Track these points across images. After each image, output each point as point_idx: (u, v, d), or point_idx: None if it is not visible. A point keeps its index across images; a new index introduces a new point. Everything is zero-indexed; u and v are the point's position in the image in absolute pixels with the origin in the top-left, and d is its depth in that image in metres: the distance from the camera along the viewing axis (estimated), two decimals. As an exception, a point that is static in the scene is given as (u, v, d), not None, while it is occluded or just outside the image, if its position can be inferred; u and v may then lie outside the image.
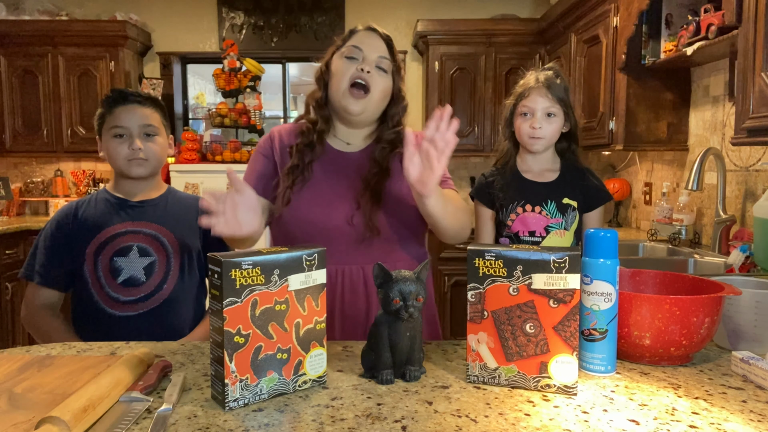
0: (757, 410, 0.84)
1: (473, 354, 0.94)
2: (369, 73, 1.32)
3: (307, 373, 0.92)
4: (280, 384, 0.89)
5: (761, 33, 1.55)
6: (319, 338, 0.93)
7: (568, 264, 0.89)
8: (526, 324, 0.91)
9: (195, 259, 1.57)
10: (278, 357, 0.89)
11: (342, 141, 1.42)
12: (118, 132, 1.50)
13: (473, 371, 0.94)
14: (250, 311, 0.86)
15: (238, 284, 0.84)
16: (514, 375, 0.92)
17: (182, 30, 4.42)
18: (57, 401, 0.82)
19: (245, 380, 0.86)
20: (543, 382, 0.91)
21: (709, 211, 2.56)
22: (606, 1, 2.89)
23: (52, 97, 4.06)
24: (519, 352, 0.92)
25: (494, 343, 0.93)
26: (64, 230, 1.51)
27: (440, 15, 4.27)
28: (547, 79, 1.59)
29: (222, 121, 3.96)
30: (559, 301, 0.89)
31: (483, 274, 0.92)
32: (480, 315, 0.93)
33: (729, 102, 2.42)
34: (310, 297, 0.91)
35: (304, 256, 0.90)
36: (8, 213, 4.17)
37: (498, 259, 0.91)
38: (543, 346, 0.91)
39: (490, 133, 4.05)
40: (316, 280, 0.92)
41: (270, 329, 0.88)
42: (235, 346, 0.85)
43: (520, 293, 0.91)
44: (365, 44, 1.35)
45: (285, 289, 0.89)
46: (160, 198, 1.58)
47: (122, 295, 1.48)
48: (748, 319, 1.08)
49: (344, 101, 1.33)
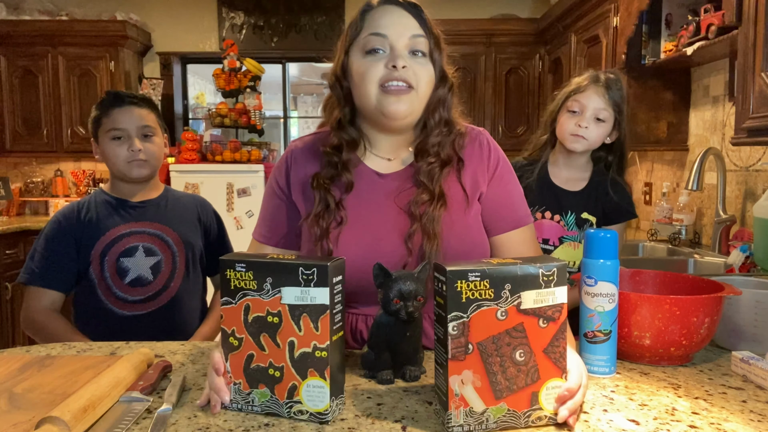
0: (757, 410, 0.84)
1: (456, 400, 0.77)
2: (405, 68, 0.99)
3: (304, 404, 0.81)
4: (272, 403, 0.83)
5: (761, 33, 1.55)
6: (318, 368, 0.81)
7: (557, 276, 0.80)
8: (516, 352, 0.79)
9: (198, 256, 1.58)
10: (270, 372, 0.83)
11: (380, 158, 1.11)
12: (116, 134, 1.50)
13: (456, 420, 0.77)
14: (243, 315, 0.84)
15: (233, 285, 0.84)
16: (503, 414, 0.79)
17: (182, 30, 4.42)
18: (57, 401, 0.82)
19: (239, 385, 0.85)
20: (534, 415, 0.80)
21: (709, 211, 2.56)
22: (606, 1, 2.89)
23: (52, 97, 4.06)
24: (509, 387, 0.79)
25: (481, 381, 0.78)
26: (66, 231, 1.51)
27: (440, 15, 4.24)
28: (607, 80, 1.51)
29: (222, 121, 3.96)
30: (548, 320, 0.80)
31: (467, 299, 0.77)
32: (464, 350, 0.78)
33: (729, 102, 2.42)
34: (307, 317, 0.81)
35: (300, 268, 0.81)
36: (8, 213, 4.17)
37: (484, 279, 0.77)
38: (533, 374, 0.80)
39: (491, 133, 4.04)
40: (315, 299, 0.81)
41: (262, 340, 0.83)
42: (231, 346, 0.85)
43: (508, 316, 0.78)
44: (389, 26, 1.01)
45: (278, 300, 0.82)
46: (160, 197, 1.58)
47: (130, 295, 1.49)
48: (748, 319, 1.08)
49: (381, 105, 1.01)
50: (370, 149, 1.11)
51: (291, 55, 4.56)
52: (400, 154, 1.11)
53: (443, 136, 1.07)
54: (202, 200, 1.69)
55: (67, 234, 1.51)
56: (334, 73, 1.08)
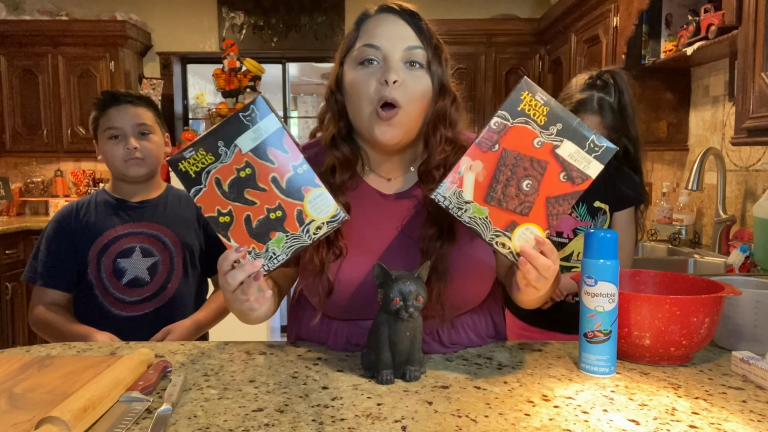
0: (757, 410, 0.84)
1: (456, 177, 0.87)
2: (396, 83, 0.95)
3: (316, 219, 0.88)
4: (292, 240, 0.88)
5: (761, 33, 1.55)
6: (308, 181, 0.88)
7: (602, 152, 0.86)
8: (525, 181, 0.87)
9: (197, 256, 1.58)
10: (272, 217, 0.88)
11: (381, 177, 1.07)
12: (112, 133, 1.50)
13: (443, 191, 0.87)
14: (217, 189, 0.87)
15: (192, 173, 0.87)
16: (480, 217, 0.87)
17: (182, 30, 4.42)
18: (57, 401, 0.82)
19: (254, 250, 0.89)
20: (501, 239, 0.87)
21: (709, 211, 2.56)
22: (606, 1, 2.89)
23: (52, 97, 4.06)
24: (500, 201, 0.87)
25: (483, 178, 0.87)
26: (65, 231, 1.51)
27: (440, 15, 4.24)
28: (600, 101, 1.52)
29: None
30: (569, 178, 0.87)
31: (521, 109, 0.85)
32: (491, 145, 0.86)
33: (729, 102, 2.42)
34: (271, 149, 0.87)
35: (239, 114, 0.86)
36: (8, 213, 4.17)
37: (546, 105, 0.86)
38: (525, 208, 0.87)
39: (490, 133, 4.05)
40: (268, 129, 0.87)
41: (247, 195, 0.88)
42: (225, 225, 0.88)
43: (542, 149, 0.86)
44: (383, 38, 0.97)
45: (239, 154, 0.87)
46: (159, 198, 1.58)
47: (127, 296, 1.48)
48: (748, 319, 1.08)
49: (371, 129, 0.98)
50: (369, 167, 1.07)
51: (291, 55, 4.56)
52: (401, 173, 1.07)
53: (447, 155, 1.01)
54: None
55: (66, 234, 1.51)
56: (329, 86, 1.04)
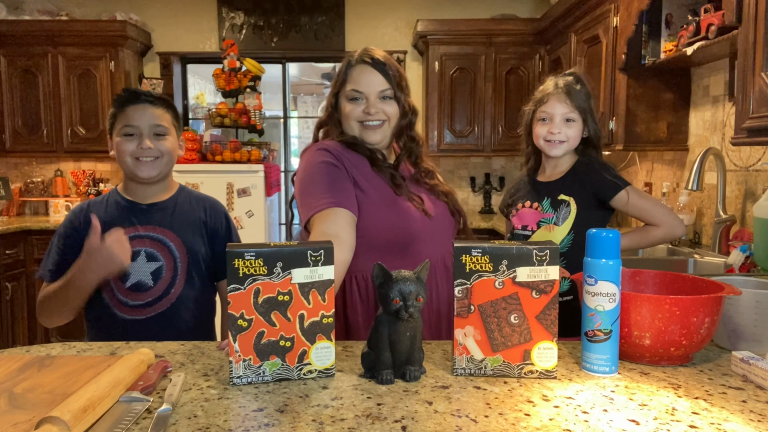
0: (757, 410, 0.84)
1: (460, 348, 0.98)
2: (375, 113, 1.39)
3: (313, 364, 0.96)
4: (284, 369, 0.95)
5: (761, 33, 1.55)
6: (325, 331, 0.97)
7: (549, 257, 0.95)
8: (511, 315, 0.97)
9: (202, 261, 1.55)
10: (281, 344, 0.95)
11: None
12: (128, 131, 1.49)
13: (460, 364, 0.98)
14: (252, 298, 0.93)
15: (241, 273, 0.92)
16: (499, 364, 0.97)
17: (182, 30, 4.42)
18: (57, 401, 0.82)
19: (248, 360, 0.94)
20: (526, 368, 0.97)
21: (709, 211, 2.56)
22: (606, 1, 2.89)
23: (52, 97, 4.06)
24: (504, 342, 0.97)
25: (480, 336, 0.97)
26: (76, 230, 1.51)
27: (440, 15, 4.27)
28: (566, 85, 1.56)
29: (222, 121, 3.96)
30: (540, 292, 0.96)
31: (470, 270, 0.96)
32: (467, 309, 0.97)
33: (729, 102, 2.42)
34: (315, 291, 0.95)
35: (309, 251, 0.95)
36: (8, 213, 4.17)
37: (484, 254, 0.96)
38: (526, 335, 0.97)
39: (490, 133, 4.06)
40: (323, 275, 0.96)
41: (273, 317, 0.94)
42: (239, 328, 0.93)
43: (505, 286, 0.96)
44: (363, 84, 1.39)
45: (288, 281, 0.94)
46: (169, 200, 1.56)
47: (131, 300, 1.48)
48: (748, 319, 1.08)
49: (362, 135, 1.43)
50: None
51: (291, 55, 4.56)
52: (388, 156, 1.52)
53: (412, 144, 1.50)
54: (213, 203, 1.64)
55: (76, 233, 1.50)
56: (329, 104, 1.47)
